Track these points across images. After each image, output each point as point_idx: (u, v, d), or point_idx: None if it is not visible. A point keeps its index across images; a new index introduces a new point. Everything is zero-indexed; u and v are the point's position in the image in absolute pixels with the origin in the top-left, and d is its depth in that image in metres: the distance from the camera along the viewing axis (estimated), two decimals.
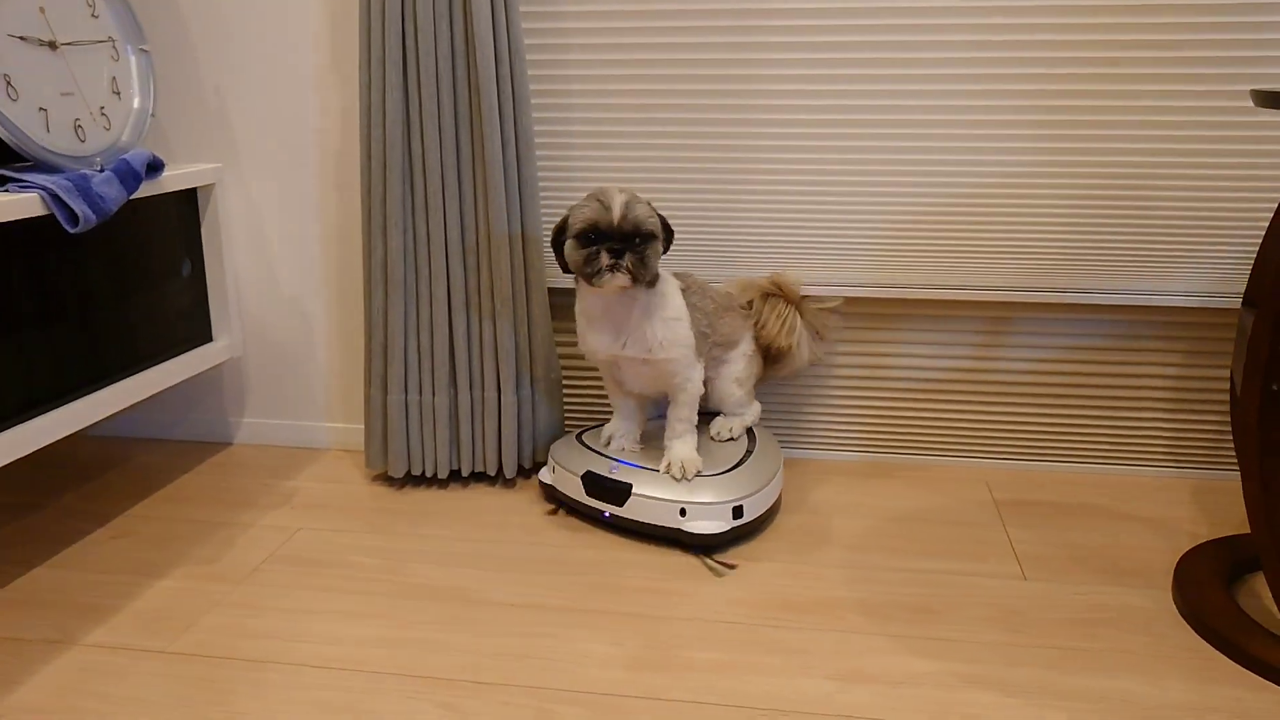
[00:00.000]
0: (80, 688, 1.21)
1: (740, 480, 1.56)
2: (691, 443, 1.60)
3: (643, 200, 1.46)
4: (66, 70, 1.48)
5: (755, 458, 1.62)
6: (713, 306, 1.62)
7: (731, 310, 1.67)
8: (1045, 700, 1.17)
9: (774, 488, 1.61)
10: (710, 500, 1.52)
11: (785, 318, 1.68)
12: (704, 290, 1.62)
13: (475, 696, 1.19)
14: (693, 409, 1.60)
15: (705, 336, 1.59)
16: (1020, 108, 1.63)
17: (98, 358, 1.54)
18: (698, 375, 1.58)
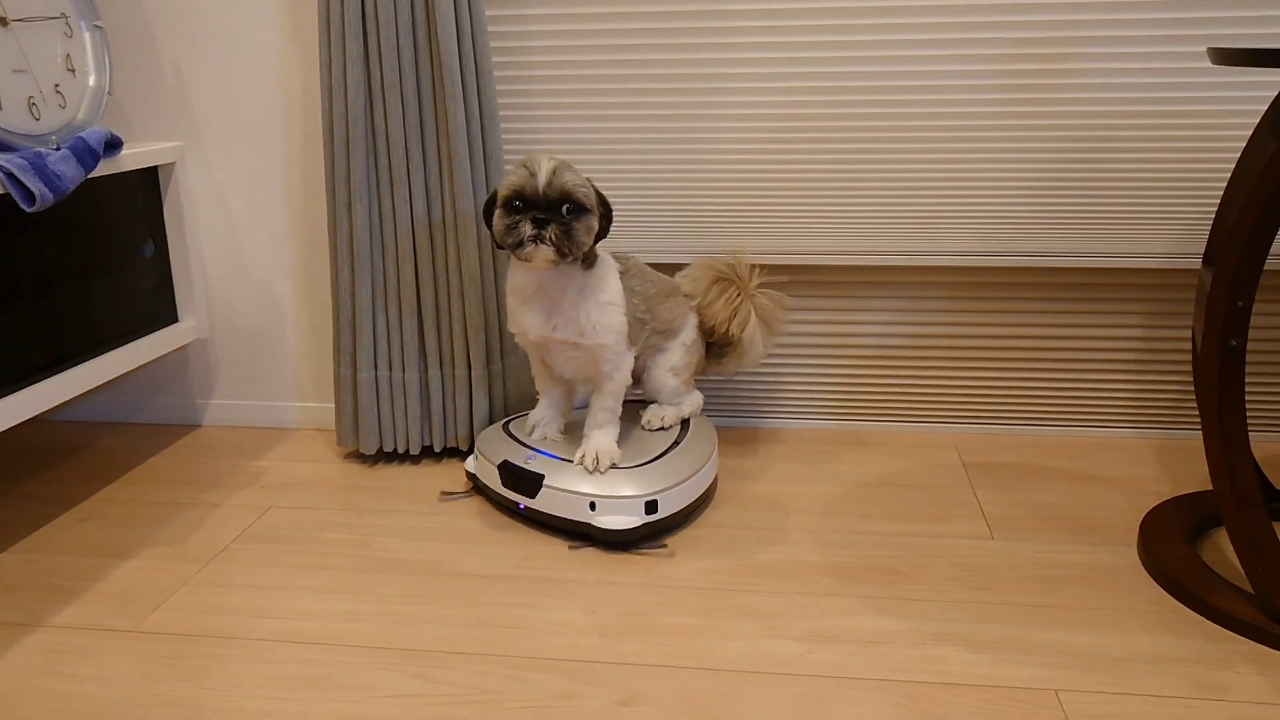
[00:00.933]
0: (47, 669, 1.20)
1: (658, 474, 1.48)
2: (611, 433, 1.53)
3: (576, 170, 1.39)
4: (18, 47, 1.45)
5: (680, 450, 1.54)
6: (653, 291, 1.56)
7: (673, 296, 1.60)
8: (1012, 655, 1.19)
9: (697, 482, 1.52)
10: (622, 494, 1.45)
11: (735, 306, 1.62)
12: (644, 274, 1.56)
13: (449, 666, 1.19)
14: (617, 399, 1.53)
15: (642, 323, 1.53)
16: (981, 72, 1.64)
17: (58, 340, 1.52)
18: (627, 364, 1.51)
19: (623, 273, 1.51)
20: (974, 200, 1.71)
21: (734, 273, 1.63)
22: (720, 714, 1.10)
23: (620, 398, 1.54)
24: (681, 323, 1.62)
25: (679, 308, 1.61)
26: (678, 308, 1.61)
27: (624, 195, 1.77)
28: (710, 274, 1.63)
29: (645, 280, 1.55)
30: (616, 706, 1.11)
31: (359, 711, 1.11)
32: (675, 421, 1.63)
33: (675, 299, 1.61)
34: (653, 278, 1.58)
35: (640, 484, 1.46)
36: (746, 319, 1.63)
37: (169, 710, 1.11)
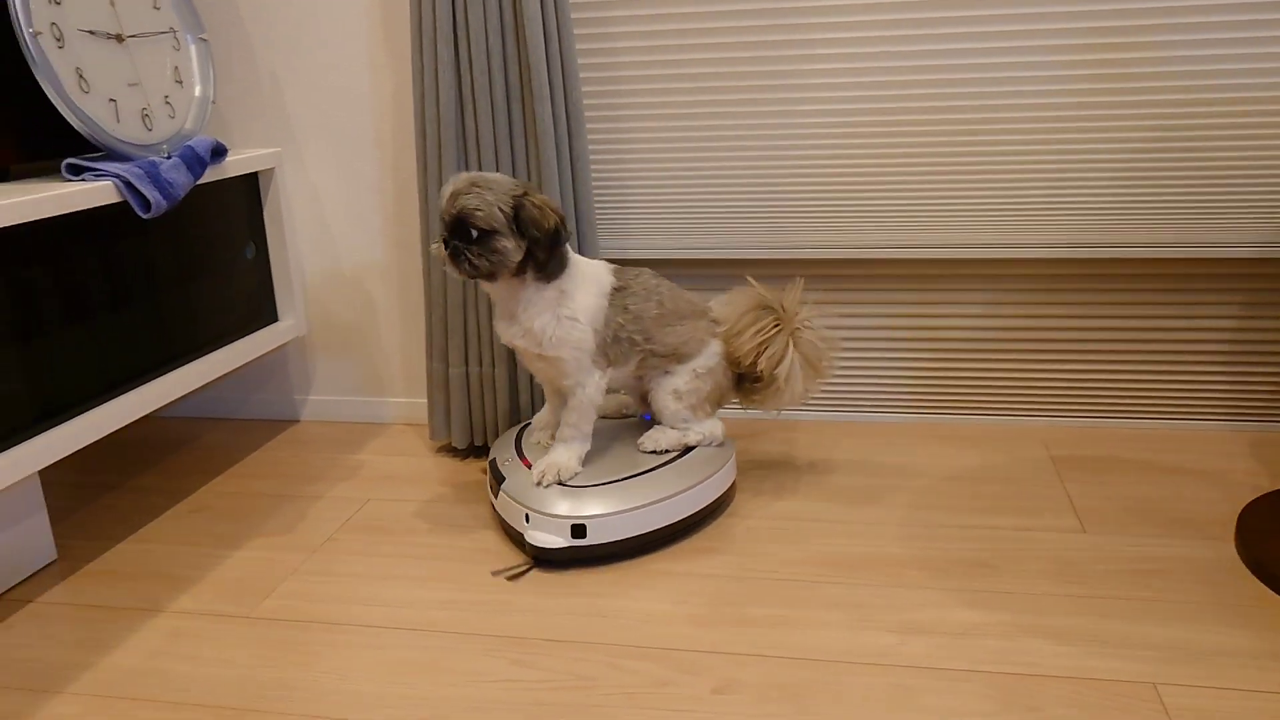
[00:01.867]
0: (170, 651, 1.27)
1: (598, 499, 1.43)
2: (573, 449, 1.49)
3: (492, 188, 1.35)
4: (132, 62, 1.53)
5: (650, 479, 1.47)
6: (655, 313, 1.49)
7: (690, 320, 1.53)
8: (1106, 648, 1.19)
9: (645, 515, 1.43)
10: (553, 512, 1.41)
11: (767, 339, 1.52)
12: (651, 294, 1.50)
13: (547, 654, 1.23)
14: (582, 414, 1.49)
15: (633, 344, 1.48)
16: (1067, 61, 1.62)
17: (168, 341, 1.60)
18: (593, 384, 1.47)
19: (619, 289, 1.48)
20: (1062, 192, 1.69)
21: (779, 303, 1.55)
22: (814, 702, 1.12)
23: (586, 414, 1.49)
24: (695, 349, 1.54)
25: (695, 333, 1.54)
26: (692, 333, 1.53)
27: (706, 191, 1.79)
28: (749, 302, 1.55)
29: (649, 301, 1.49)
30: (711, 694, 1.14)
31: (465, 695, 1.15)
32: (673, 447, 1.54)
33: (692, 323, 1.54)
34: (666, 299, 1.51)
35: (574, 505, 1.42)
36: (780, 354, 1.52)
37: (286, 692, 1.17)
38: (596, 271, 1.49)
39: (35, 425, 1.33)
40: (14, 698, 1.18)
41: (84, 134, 1.42)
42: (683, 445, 1.55)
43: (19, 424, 1.30)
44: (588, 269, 1.48)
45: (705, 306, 1.58)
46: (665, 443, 1.54)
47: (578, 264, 1.47)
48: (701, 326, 1.55)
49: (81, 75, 1.42)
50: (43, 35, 1.36)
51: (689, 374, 1.54)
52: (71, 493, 1.75)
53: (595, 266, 1.49)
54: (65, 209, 1.32)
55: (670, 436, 1.55)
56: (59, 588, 1.43)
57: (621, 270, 1.51)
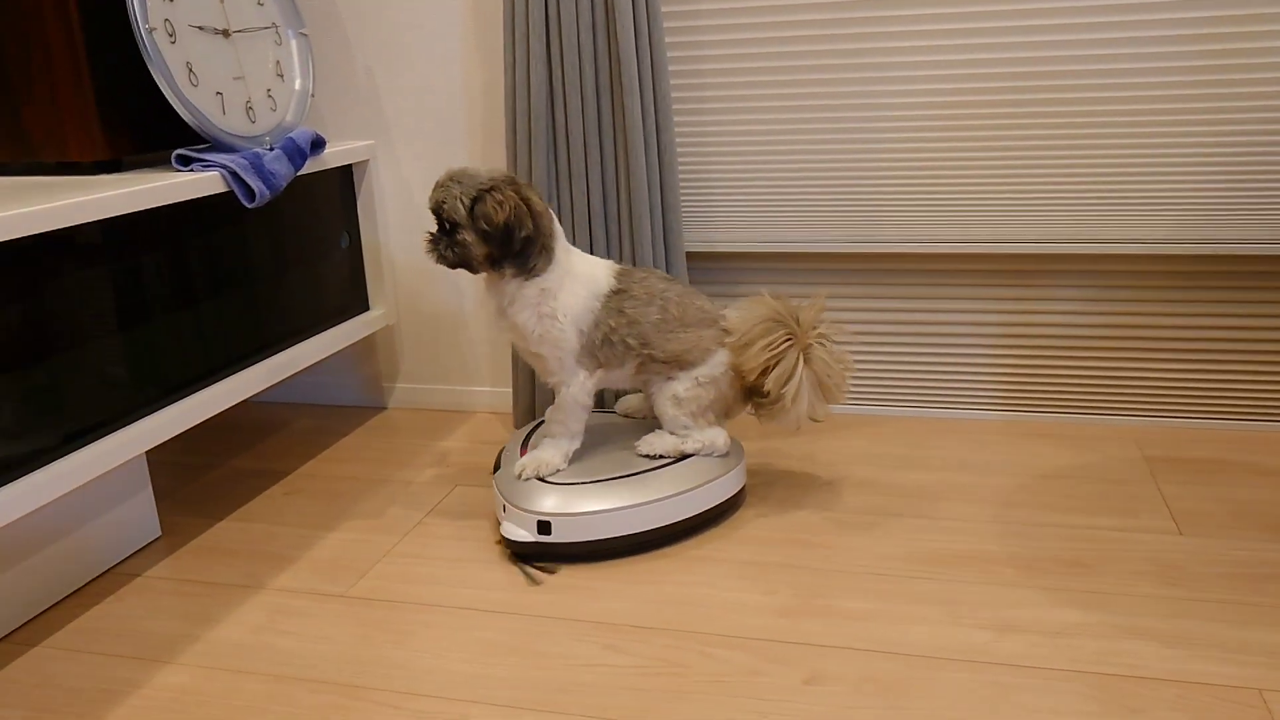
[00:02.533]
0: (271, 626, 1.31)
1: (570, 497, 1.43)
2: (560, 447, 1.49)
3: (466, 183, 1.39)
4: (238, 56, 1.58)
5: (634, 482, 1.45)
6: (656, 318, 1.46)
7: (696, 328, 1.49)
8: (1210, 652, 1.16)
9: (617, 519, 1.42)
10: (522, 506, 1.43)
11: (778, 355, 1.46)
12: (655, 299, 1.47)
13: (638, 640, 1.24)
14: (567, 413, 1.48)
15: (628, 347, 1.46)
16: (1169, 54, 1.58)
17: (265, 328, 1.65)
18: (577, 383, 1.47)
19: (617, 292, 1.47)
20: (1164, 185, 1.65)
21: (794, 317, 1.47)
22: (906, 697, 1.11)
23: (571, 412, 1.49)
24: (700, 357, 1.49)
25: (701, 341, 1.49)
26: (698, 341, 1.49)
27: (791, 185, 1.79)
28: (763, 313, 1.48)
29: (650, 306, 1.47)
30: (802, 685, 1.14)
31: (558, 678, 1.17)
32: (668, 452, 1.50)
33: (698, 331, 1.49)
34: (672, 305, 1.48)
35: (544, 501, 1.42)
36: (789, 372, 1.46)
37: (383, 669, 1.20)
38: (593, 271, 1.47)
39: (143, 408, 1.38)
40: (128, 666, 1.23)
41: (193, 126, 1.47)
42: (679, 452, 1.51)
43: (129, 406, 1.35)
44: (583, 268, 1.47)
45: (717, 314, 1.52)
46: (660, 448, 1.51)
47: (572, 263, 1.46)
48: (709, 335, 1.50)
49: (191, 69, 1.47)
50: (157, 31, 1.41)
51: (691, 381, 1.50)
52: (174, 473, 1.81)
53: (595, 267, 1.48)
54: (176, 198, 1.37)
55: (667, 442, 1.51)
56: (164, 563, 1.49)
57: (627, 273, 1.49)
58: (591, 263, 1.49)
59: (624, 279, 1.48)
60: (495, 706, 1.12)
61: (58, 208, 1.18)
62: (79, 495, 1.43)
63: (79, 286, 1.27)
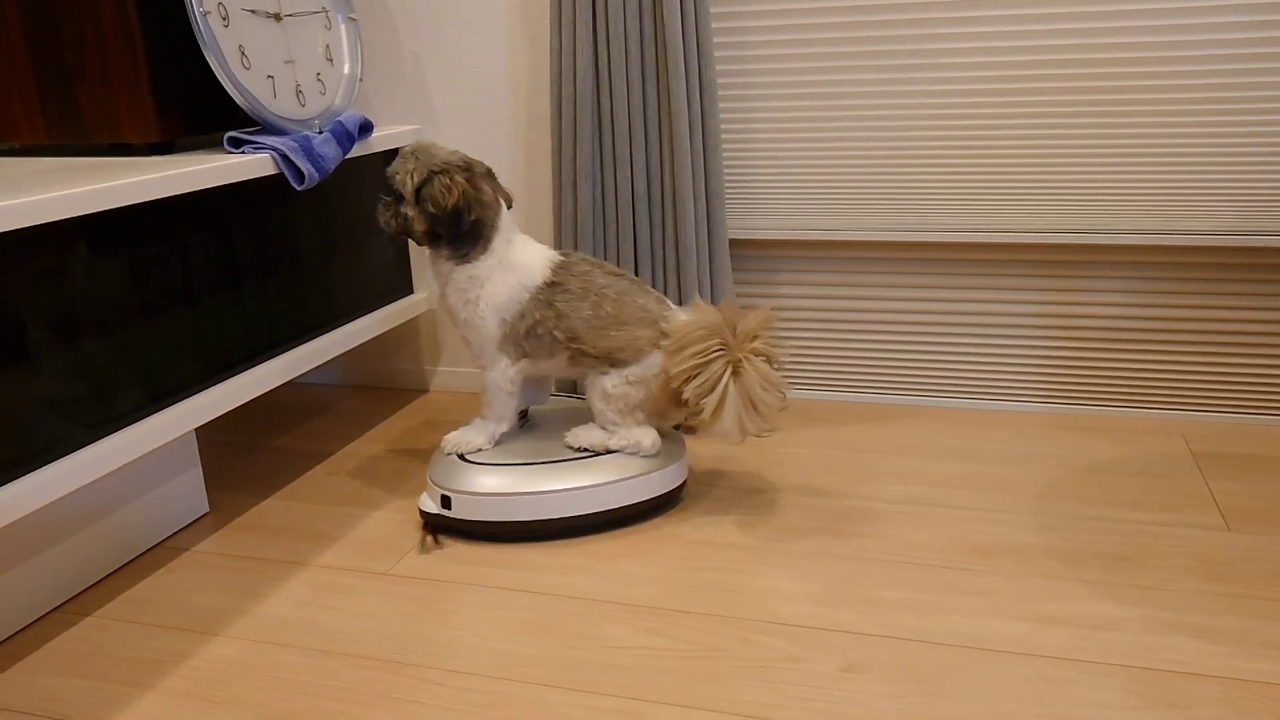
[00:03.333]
0: (316, 602, 1.33)
1: (469, 476, 1.46)
2: (484, 428, 1.53)
3: (419, 158, 1.43)
4: (288, 40, 1.60)
5: (547, 470, 1.46)
6: (589, 314, 1.45)
7: (631, 327, 1.46)
8: (1258, 649, 1.15)
9: (511, 504, 1.45)
10: (433, 479, 1.49)
11: (705, 365, 1.40)
12: (589, 294, 1.46)
13: (675, 624, 1.25)
14: (491, 397, 1.51)
15: (555, 340, 1.46)
16: (1207, 41, 1.55)
17: (311, 310, 1.67)
18: (499, 370, 1.49)
19: (551, 284, 1.46)
20: (1211, 177, 1.63)
21: (732, 328, 1.41)
22: (945, 687, 1.11)
23: (494, 396, 1.51)
24: (633, 357, 1.47)
25: (635, 341, 1.46)
26: (632, 340, 1.46)
27: (834, 173, 1.78)
28: (704, 319, 1.42)
29: (584, 301, 1.46)
30: (840, 672, 1.14)
31: (596, 659, 1.18)
32: (594, 446, 1.50)
33: (633, 330, 1.46)
34: (609, 302, 1.46)
35: (450, 477, 1.47)
36: (710, 384, 1.40)
37: (426, 645, 1.22)
38: (529, 262, 1.48)
39: (192, 386, 1.40)
40: (179, 637, 1.26)
41: (244, 108, 1.49)
42: (604, 447, 1.50)
43: (179, 384, 1.38)
44: (520, 259, 1.48)
45: (660, 315, 1.48)
46: (585, 440, 1.51)
47: (509, 253, 1.47)
48: (645, 335, 1.47)
49: (244, 53, 1.49)
50: (211, 14, 1.43)
51: (621, 378, 1.48)
52: (221, 451, 1.85)
53: (533, 257, 1.48)
54: (228, 179, 1.39)
55: (594, 436, 1.51)
56: (211, 539, 1.52)
57: (566, 266, 1.49)
58: (532, 254, 1.49)
59: (561, 272, 1.48)
60: (534, 685, 1.14)
61: (112, 188, 1.21)
62: (131, 471, 1.46)
63: (132, 266, 1.30)
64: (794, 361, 1.95)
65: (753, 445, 1.75)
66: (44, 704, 1.15)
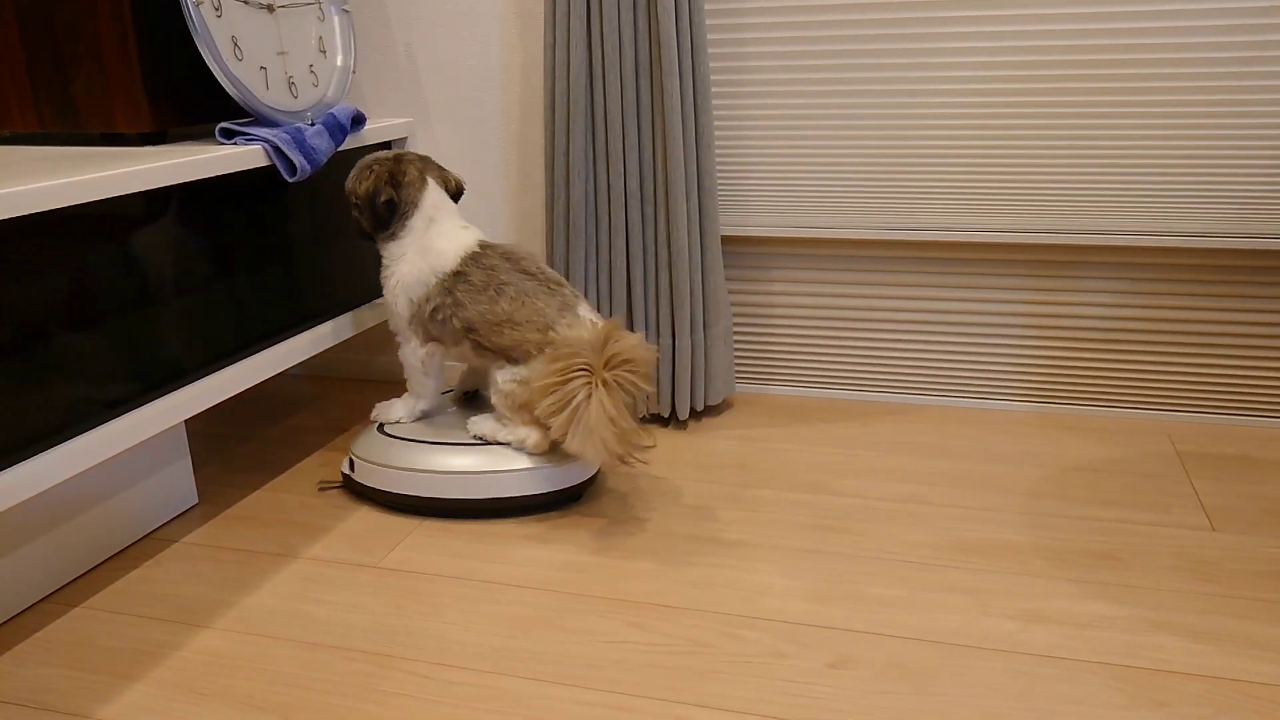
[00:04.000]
0: (305, 595, 1.33)
1: (370, 445, 1.58)
2: (406, 404, 1.63)
3: (371, 162, 1.56)
4: (281, 31, 1.59)
5: (441, 450, 1.53)
6: (484, 308, 1.48)
7: (524, 328, 1.47)
8: (1242, 649, 1.16)
9: (396, 477, 1.53)
10: (350, 443, 1.64)
11: (565, 383, 1.38)
12: (489, 289, 1.49)
13: (663, 619, 1.25)
14: (409, 375, 1.61)
15: (454, 329, 1.51)
16: (1208, 44, 1.56)
17: (302, 302, 1.67)
18: (409, 348, 1.58)
19: (457, 274, 1.51)
20: (1198, 180, 1.63)
21: (598, 350, 1.38)
22: (932, 684, 1.12)
23: (410, 372, 1.61)
24: (522, 356, 1.49)
25: (523, 343, 1.48)
26: (520, 342, 1.48)
27: (828, 170, 1.78)
28: (585, 337, 1.42)
29: (483, 294, 1.49)
30: (827, 668, 1.15)
31: (582, 653, 1.18)
32: (487, 437, 1.54)
33: (524, 333, 1.47)
34: (507, 301, 1.48)
35: (357, 443, 1.61)
36: (560, 405, 1.39)
37: (415, 639, 1.22)
38: (445, 248, 1.53)
39: (183, 377, 1.40)
40: (166, 628, 1.26)
41: (236, 100, 1.48)
42: (495, 439, 1.53)
43: (169, 375, 1.38)
44: (438, 244, 1.53)
45: (555, 321, 1.47)
46: (483, 430, 1.55)
47: (428, 236, 1.54)
48: (534, 340, 1.47)
49: (236, 43, 1.49)
50: (203, 4, 1.43)
51: (511, 375, 1.50)
52: (211, 443, 1.84)
53: (451, 243, 1.53)
54: (220, 171, 1.39)
55: (488, 427, 1.54)
56: (201, 530, 1.51)
57: (478, 257, 1.51)
58: (452, 239, 1.54)
59: (470, 263, 1.51)
60: (523, 679, 1.14)
61: (105, 177, 1.20)
62: (120, 461, 1.45)
63: (123, 256, 1.29)
64: (784, 359, 1.95)
65: (742, 442, 1.76)
66: (32, 694, 1.14)
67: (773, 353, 1.95)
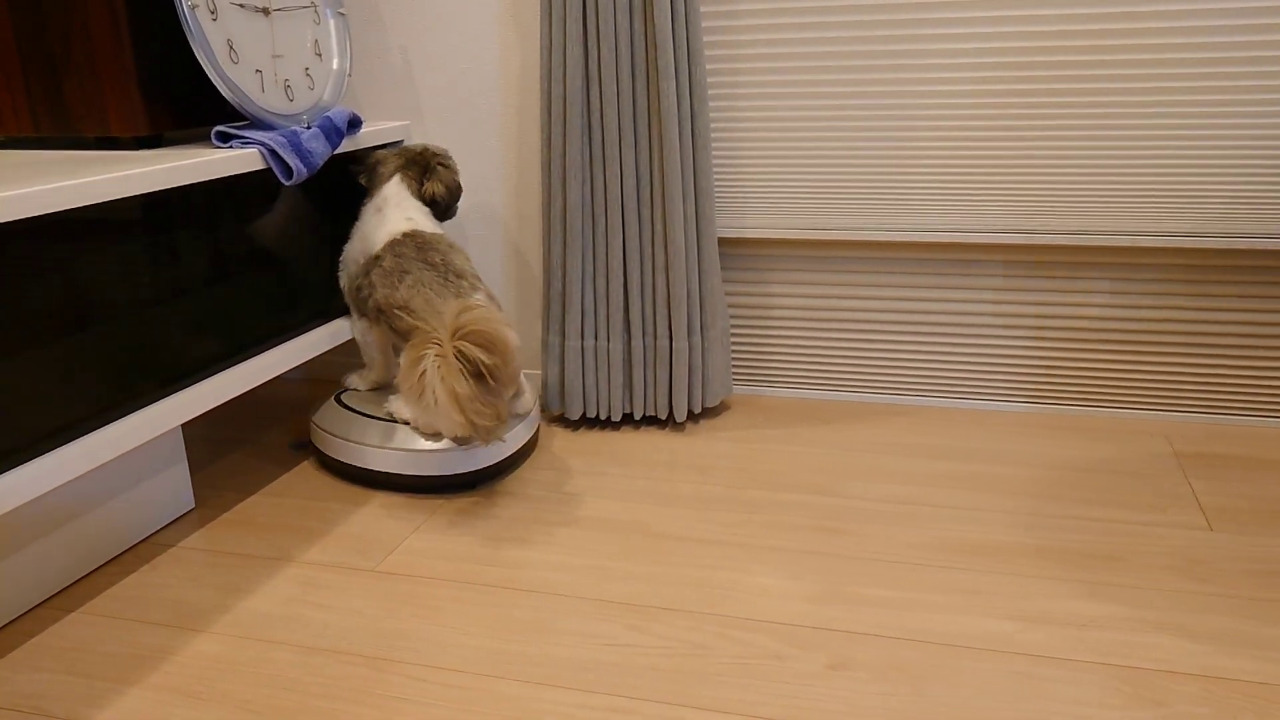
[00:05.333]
0: (302, 598, 1.33)
1: (322, 413, 1.73)
2: (363, 376, 1.78)
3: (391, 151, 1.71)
4: (277, 34, 1.59)
5: (361, 421, 1.66)
6: (384, 293, 1.58)
7: (418, 314, 1.54)
8: (1240, 648, 1.16)
9: (333, 444, 1.67)
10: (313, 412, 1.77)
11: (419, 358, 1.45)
12: (393, 275, 1.57)
13: (660, 621, 1.25)
14: (360, 346, 1.73)
15: (372, 310, 1.63)
16: (1204, 45, 1.56)
17: (299, 306, 1.66)
18: (353, 323, 1.70)
19: (375, 258, 1.61)
20: (1193, 180, 1.64)
21: (444, 327, 1.46)
22: (931, 684, 1.11)
23: (360, 344, 1.73)
24: (411, 336, 1.55)
25: (415, 330, 1.53)
26: (413, 328, 1.54)
27: (824, 172, 1.78)
28: (444, 318, 1.48)
29: (388, 278, 1.58)
30: (826, 670, 1.15)
31: (579, 656, 1.18)
32: (396, 415, 1.63)
33: (417, 319, 1.53)
34: (405, 288, 1.55)
35: (316, 410, 1.76)
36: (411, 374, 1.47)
37: (412, 642, 1.22)
38: (377, 230, 1.64)
39: (179, 382, 1.40)
40: (162, 633, 1.26)
41: (232, 103, 1.48)
42: (402, 420, 1.63)
43: (165, 380, 1.37)
44: (379, 223, 1.65)
45: (436, 311, 1.52)
46: (392, 408, 1.65)
47: (372, 221, 1.66)
48: (422, 328, 1.52)
49: (232, 47, 1.48)
50: (199, 7, 1.43)
51: (405, 355, 1.56)
52: (208, 447, 1.84)
53: (389, 225, 1.64)
54: (216, 174, 1.38)
55: (396, 407, 1.64)
56: (197, 534, 1.51)
57: (397, 244, 1.61)
58: (390, 220, 1.64)
59: (390, 248, 1.61)
60: (520, 683, 1.14)
61: (101, 181, 1.20)
62: (116, 466, 1.45)
63: (118, 261, 1.29)
64: (781, 360, 1.95)
65: (739, 444, 1.76)
66: (27, 700, 1.14)
67: (770, 354, 1.95)
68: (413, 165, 1.70)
